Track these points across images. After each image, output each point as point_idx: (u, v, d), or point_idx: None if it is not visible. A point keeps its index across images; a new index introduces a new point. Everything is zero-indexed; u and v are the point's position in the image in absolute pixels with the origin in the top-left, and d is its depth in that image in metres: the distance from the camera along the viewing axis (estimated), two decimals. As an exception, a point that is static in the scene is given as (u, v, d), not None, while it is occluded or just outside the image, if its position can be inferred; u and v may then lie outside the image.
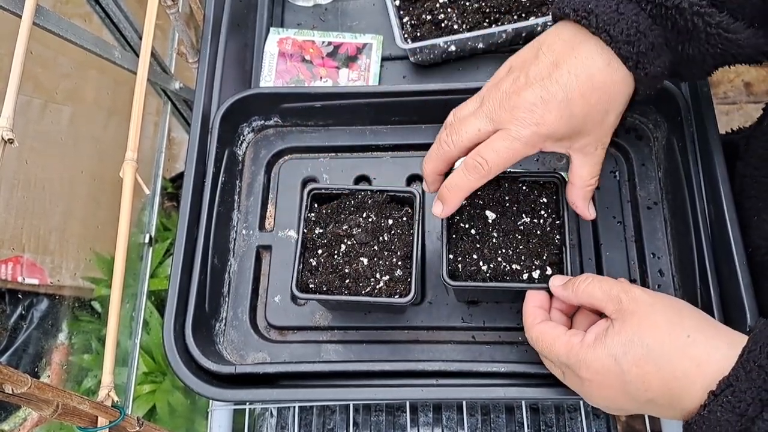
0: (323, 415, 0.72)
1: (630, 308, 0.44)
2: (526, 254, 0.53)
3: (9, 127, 0.48)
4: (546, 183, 0.56)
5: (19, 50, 0.53)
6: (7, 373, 0.36)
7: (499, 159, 0.47)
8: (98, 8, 0.82)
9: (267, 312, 0.62)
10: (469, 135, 0.49)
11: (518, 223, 0.55)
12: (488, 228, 0.54)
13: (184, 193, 0.62)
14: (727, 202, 0.56)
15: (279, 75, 0.75)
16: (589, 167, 0.51)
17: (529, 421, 0.70)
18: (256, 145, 0.69)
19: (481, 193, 0.55)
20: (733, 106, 1.66)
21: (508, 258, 0.53)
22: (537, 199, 0.55)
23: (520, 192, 0.56)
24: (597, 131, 0.49)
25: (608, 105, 0.47)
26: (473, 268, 0.53)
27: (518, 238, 0.54)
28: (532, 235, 0.54)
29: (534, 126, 0.46)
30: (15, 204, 0.89)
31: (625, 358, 0.43)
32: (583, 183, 0.51)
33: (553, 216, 0.55)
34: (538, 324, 0.50)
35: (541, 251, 0.53)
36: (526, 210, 0.55)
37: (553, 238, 0.54)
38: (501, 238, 0.54)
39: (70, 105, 1.02)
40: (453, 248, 0.54)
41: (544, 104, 0.46)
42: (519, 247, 0.54)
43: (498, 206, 0.55)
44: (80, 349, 1.03)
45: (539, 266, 0.53)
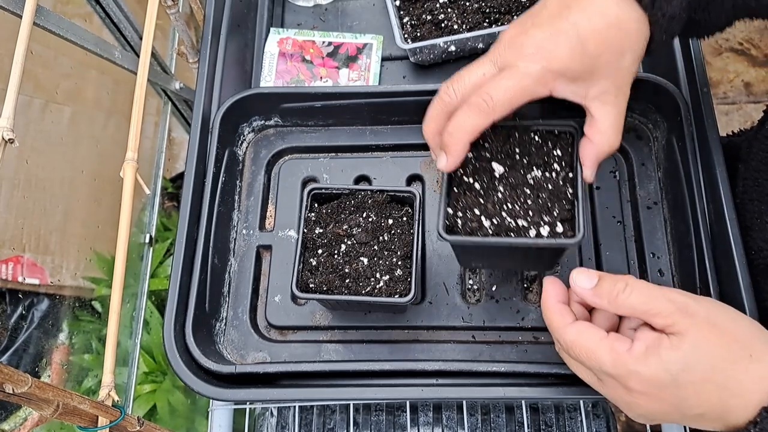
0: (323, 414, 0.72)
1: (686, 323, 0.41)
2: (535, 209, 0.48)
3: (9, 127, 0.48)
4: (561, 133, 0.51)
5: (20, 50, 0.53)
6: (8, 373, 0.36)
7: (505, 96, 0.43)
8: (98, 8, 0.82)
9: (267, 312, 0.62)
10: (473, 80, 0.45)
11: (528, 176, 0.49)
12: (494, 182, 0.49)
13: (184, 193, 0.62)
14: (727, 201, 0.56)
15: (279, 75, 0.75)
16: (611, 119, 0.46)
17: (529, 420, 0.70)
18: (256, 145, 0.69)
19: (488, 145, 0.50)
20: (732, 106, 1.66)
21: (515, 213, 0.48)
22: (550, 152, 0.50)
23: (533, 143, 0.50)
24: (613, 75, 0.45)
25: (623, 44, 0.44)
26: (474, 224, 0.48)
27: (527, 193, 0.48)
28: (542, 190, 0.49)
29: (544, 61, 0.43)
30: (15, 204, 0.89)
31: (683, 375, 0.40)
32: (604, 139, 0.46)
33: (567, 169, 0.50)
34: (571, 325, 0.44)
35: (552, 207, 0.48)
36: (537, 163, 0.50)
37: (566, 193, 0.48)
38: (508, 192, 0.49)
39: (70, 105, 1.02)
40: (452, 202, 0.49)
41: (554, 39, 0.43)
42: (527, 202, 0.48)
43: (507, 159, 0.50)
44: (81, 349, 1.03)
45: (549, 222, 0.47)
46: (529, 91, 0.44)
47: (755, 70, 1.69)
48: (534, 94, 0.44)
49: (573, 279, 0.46)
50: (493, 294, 0.61)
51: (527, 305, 0.60)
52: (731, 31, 1.76)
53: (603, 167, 0.65)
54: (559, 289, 0.47)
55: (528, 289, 0.62)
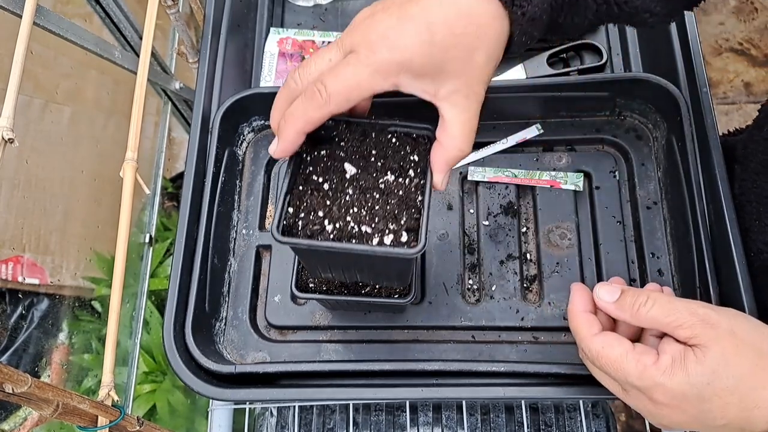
0: (323, 414, 0.72)
1: (710, 335, 0.41)
2: (382, 216, 0.44)
3: (9, 127, 0.48)
4: (419, 137, 0.48)
5: (20, 50, 0.53)
6: (8, 373, 0.36)
7: (340, 86, 0.40)
8: (98, 8, 0.82)
9: (267, 311, 0.62)
10: (319, 67, 0.42)
11: (380, 180, 0.46)
12: (344, 183, 0.46)
13: (184, 193, 0.62)
14: (727, 201, 0.56)
15: (279, 75, 0.75)
16: (460, 123, 0.42)
17: (529, 420, 0.70)
18: (256, 144, 0.69)
19: (344, 144, 0.47)
20: (732, 106, 1.66)
21: (360, 219, 0.44)
22: (407, 156, 0.47)
23: (390, 146, 0.47)
24: (464, 73, 0.41)
25: (476, 39, 0.40)
26: (316, 227, 0.44)
27: (375, 197, 0.45)
28: (392, 195, 0.45)
29: (387, 50, 0.39)
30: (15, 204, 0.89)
31: (708, 388, 0.41)
32: (453, 144, 0.43)
33: (421, 176, 0.46)
34: (598, 336, 0.45)
35: (399, 214, 0.44)
36: (392, 167, 0.46)
37: (416, 201, 0.45)
38: (357, 195, 0.45)
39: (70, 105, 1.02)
40: (296, 201, 0.45)
41: (400, 25, 0.39)
42: (375, 207, 0.45)
43: (361, 160, 0.47)
44: (80, 349, 1.03)
45: (394, 230, 0.44)
46: (366, 84, 0.40)
47: (755, 70, 1.69)
48: (374, 88, 0.40)
49: (596, 293, 0.47)
50: (493, 294, 0.61)
51: (527, 305, 0.60)
52: (731, 31, 1.76)
53: (603, 167, 0.65)
54: (586, 297, 0.48)
55: (528, 289, 0.62)
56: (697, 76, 0.63)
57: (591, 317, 0.47)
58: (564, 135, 0.67)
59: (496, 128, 0.68)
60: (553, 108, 0.67)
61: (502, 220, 0.64)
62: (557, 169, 0.66)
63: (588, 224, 0.64)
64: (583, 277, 0.61)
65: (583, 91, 0.65)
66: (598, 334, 0.45)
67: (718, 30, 1.76)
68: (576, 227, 0.63)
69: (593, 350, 0.45)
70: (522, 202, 0.65)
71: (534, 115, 0.68)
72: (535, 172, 0.65)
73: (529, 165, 0.67)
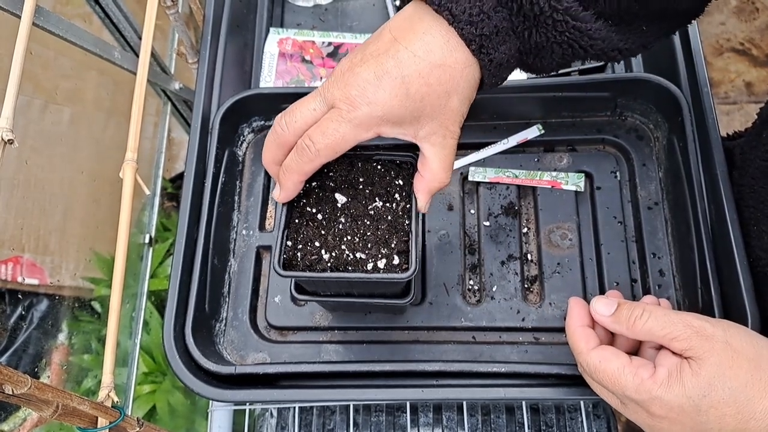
0: (323, 415, 0.72)
1: (705, 347, 0.42)
2: (374, 241, 0.48)
3: (9, 128, 0.48)
4: (403, 163, 0.51)
5: (19, 50, 0.53)
6: (7, 374, 0.36)
7: (327, 141, 0.43)
8: (98, 9, 0.82)
9: (267, 312, 0.62)
10: (304, 116, 0.45)
11: (369, 207, 0.49)
12: (336, 213, 0.49)
13: (184, 194, 0.62)
14: (728, 202, 0.56)
15: (279, 75, 0.75)
16: (439, 160, 0.46)
17: (530, 421, 0.70)
18: (256, 145, 0.69)
19: (333, 174, 0.50)
20: (734, 106, 1.66)
21: (353, 246, 0.48)
22: (392, 181, 0.50)
23: (375, 173, 0.51)
24: (440, 116, 0.44)
25: (449, 86, 0.43)
26: (314, 257, 0.47)
27: (366, 224, 0.48)
28: (381, 221, 0.48)
29: (366, 106, 0.42)
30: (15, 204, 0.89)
31: (704, 400, 0.41)
32: (433, 176, 0.46)
33: (407, 199, 0.49)
34: (595, 350, 0.46)
35: (389, 238, 0.48)
36: (380, 193, 0.50)
37: (403, 224, 0.48)
38: (348, 223, 0.48)
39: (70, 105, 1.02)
40: (293, 234, 0.48)
41: (377, 81, 0.42)
42: (366, 233, 0.48)
43: (350, 189, 0.50)
44: (80, 350, 1.03)
45: (386, 255, 0.47)
46: (351, 137, 0.43)
47: (756, 70, 1.69)
48: (358, 139, 0.43)
49: (592, 306, 0.48)
50: (494, 294, 0.61)
51: (527, 306, 0.60)
52: (732, 31, 1.76)
53: (604, 168, 0.65)
54: (583, 312, 0.49)
55: (528, 289, 0.62)
56: (698, 76, 0.63)
57: (588, 332, 0.48)
58: (565, 135, 0.67)
59: (497, 129, 0.68)
60: (554, 108, 0.67)
61: (502, 221, 0.64)
62: (558, 169, 0.66)
63: (589, 225, 0.63)
64: (584, 278, 0.61)
65: (584, 91, 0.65)
66: (595, 349, 0.46)
67: (719, 30, 1.76)
68: (577, 228, 0.63)
69: (591, 364, 0.46)
70: (523, 202, 0.65)
71: (535, 115, 0.68)
72: (536, 173, 0.65)
73: (530, 165, 0.66)
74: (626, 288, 0.60)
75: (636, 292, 0.60)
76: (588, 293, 0.61)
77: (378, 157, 0.51)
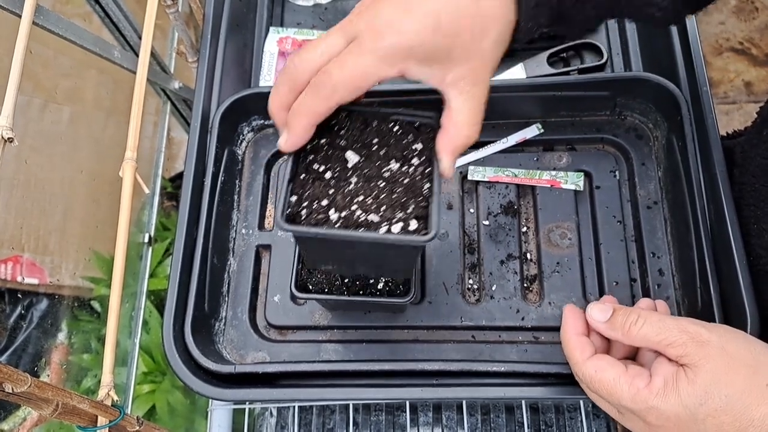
0: (323, 414, 0.72)
1: (700, 354, 0.41)
2: (388, 204, 0.43)
3: (9, 126, 0.48)
4: (422, 126, 0.47)
5: (19, 49, 0.53)
6: (7, 372, 0.36)
7: (345, 75, 0.39)
8: (98, 8, 0.82)
9: (267, 311, 0.62)
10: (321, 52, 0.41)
11: (383, 168, 0.45)
12: (347, 172, 0.45)
13: (183, 193, 0.62)
14: (727, 201, 0.56)
15: (279, 74, 0.75)
16: (467, 110, 0.42)
17: (529, 420, 0.70)
18: (255, 144, 0.69)
19: (344, 132, 0.47)
20: (733, 105, 1.66)
21: (366, 207, 0.43)
22: (410, 144, 0.46)
23: (392, 134, 0.47)
24: (472, 59, 0.41)
25: (482, 24, 0.39)
26: (320, 216, 0.43)
27: (380, 186, 0.44)
28: (397, 184, 0.44)
29: (393, 36, 0.38)
30: (15, 204, 0.89)
31: (701, 408, 0.40)
32: (458, 131, 0.42)
33: (426, 164, 0.46)
34: (590, 360, 0.45)
35: (407, 202, 0.43)
36: (395, 155, 0.46)
37: (422, 189, 0.44)
38: (361, 184, 0.44)
39: (69, 104, 1.02)
40: (298, 190, 0.44)
41: (406, 11, 0.38)
42: (380, 195, 0.44)
43: (363, 148, 0.46)
44: (80, 349, 1.03)
45: (402, 219, 0.43)
46: (373, 72, 0.39)
47: (756, 70, 1.69)
48: (381, 75, 0.40)
49: (588, 313, 0.47)
50: (493, 294, 0.61)
51: (527, 305, 0.60)
52: (732, 30, 1.76)
53: (603, 167, 0.65)
54: (578, 320, 0.48)
55: (528, 289, 0.62)
56: (697, 76, 0.63)
57: (584, 340, 0.47)
58: (564, 134, 0.67)
59: (496, 128, 0.68)
60: (554, 107, 0.67)
61: (502, 220, 0.64)
62: (557, 168, 0.66)
63: (588, 224, 0.63)
64: (583, 277, 0.61)
65: (584, 90, 0.65)
66: (591, 358, 0.46)
67: (719, 29, 1.76)
68: (576, 227, 0.63)
69: (587, 374, 0.45)
70: (522, 201, 0.65)
71: (534, 114, 0.68)
72: (535, 172, 0.65)
73: (530, 165, 0.66)
74: (625, 287, 0.60)
75: (635, 292, 0.60)
76: (587, 293, 0.61)
77: (396, 117, 0.47)
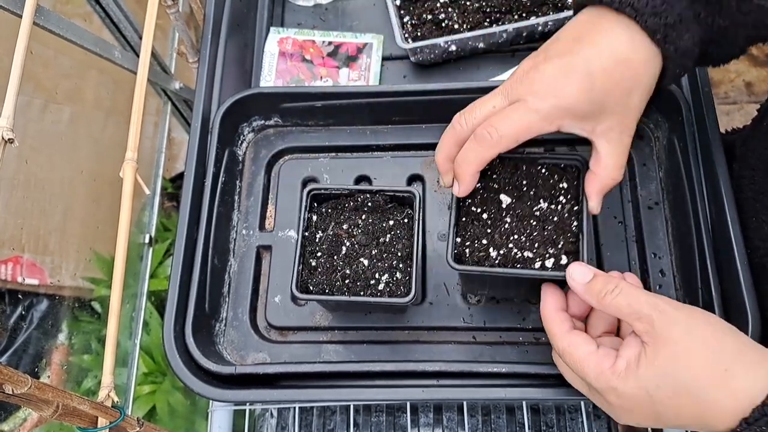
0: (323, 415, 0.72)
1: (664, 334, 0.41)
2: (540, 241, 0.49)
3: (9, 127, 0.48)
4: (567, 166, 0.53)
5: (20, 50, 0.53)
6: (7, 374, 0.36)
7: (510, 129, 0.44)
8: (98, 8, 0.82)
9: (267, 312, 0.62)
10: (484, 113, 0.46)
11: (534, 208, 0.51)
12: (501, 213, 0.51)
13: (184, 193, 0.62)
14: (728, 201, 0.56)
15: (279, 75, 0.75)
16: (615, 156, 0.47)
17: (530, 421, 0.70)
18: (256, 145, 0.69)
19: (496, 176, 0.52)
20: (734, 106, 1.66)
21: (521, 245, 0.49)
22: (556, 184, 0.52)
23: (539, 175, 0.52)
24: (620, 113, 0.45)
25: (632, 83, 0.44)
26: (482, 254, 0.49)
27: (533, 225, 0.50)
28: (548, 222, 0.50)
29: (553, 98, 0.44)
30: (15, 204, 0.89)
31: (658, 390, 0.41)
32: (608, 174, 0.48)
33: (573, 202, 0.51)
34: (566, 334, 0.46)
35: (557, 239, 0.49)
36: (544, 195, 0.51)
37: (570, 225, 0.50)
38: (515, 223, 0.50)
39: (70, 105, 1.02)
40: (461, 231, 0.51)
41: (564, 76, 0.43)
42: (533, 233, 0.50)
43: (514, 190, 0.52)
44: (80, 350, 1.03)
45: (554, 254, 0.49)
46: (535, 127, 0.44)
47: (756, 70, 1.69)
48: (540, 130, 0.44)
49: (569, 271, 0.47)
50: (494, 294, 0.61)
51: (528, 306, 0.60)
52: (731, 31, 1.76)
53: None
54: (557, 296, 0.49)
55: (529, 289, 0.62)
56: (698, 76, 0.63)
57: (563, 315, 0.48)
58: (565, 135, 0.67)
59: (497, 128, 0.68)
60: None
61: (503, 221, 0.64)
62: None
63: (589, 224, 0.63)
64: (584, 278, 0.61)
65: (585, 90, 0.65)
66: (567, 332, 0.46)
67: (719, 30, 1.76)
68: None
69: (561, 348, 0.46)
70: (523, 202, 0.65)
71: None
72: (536, 172, 0.65)
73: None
74: (627, 288, 0.60)
75: (636, 292, 0.60)
76: (588, 293, 0.61)
77: (543, 161, 0.52)
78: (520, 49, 0.74)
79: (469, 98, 0.65)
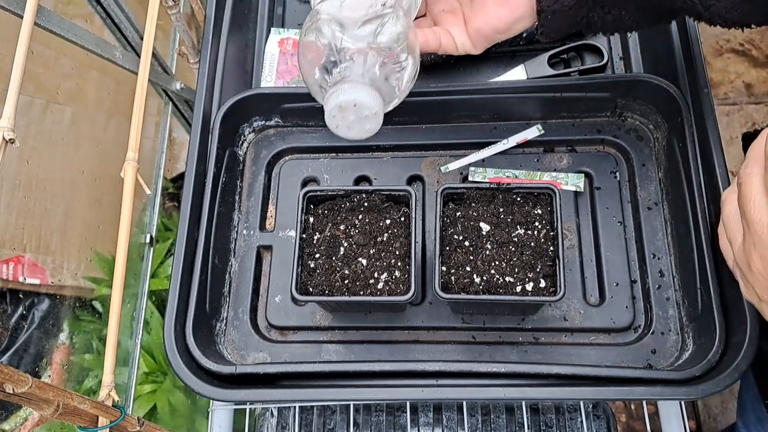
0: (324, 415, 0.72)
1: None
2: (520, 266, 0.53)
3: (10, 127, 0.48)
4: (540, 194, 0.56)
5: (21, 50, 0.53)
6: (8, 373, 0.36)
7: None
8: (99, 9, 0.82)
9: (267, 312, 0.62)
10: None
11: (512, 234, 0.55)
12: (482, 240, 0.55)
13: (185, 194, 0.62)
14: (728, 202, 0.56)
15: (280, 75, 0.75)
16: None
17: (530, 421, 0.70)
18: (256, 145, 0.69)
19: (475, 205, 0.56)
20: (733, 107, 1.66)
21: (501, 270, 0.53)
22: (531, 211, 0.56)
23: (515, 203, 0.56)
24: None
25: None
26: (466, 281, 0.53)
27: (512, 250, 0.54)
28: (525, 247, 0.54)
29: None
30: (16, 204, 0.89)
31: None
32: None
33: (548, 227, 0.55)
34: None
35: (535, 263, 0.53)
36: (520, 221, 0.55)
37: (547, 250, 0.54)
38: (495, 249, 0.54)
39: (71, 105, 1.02)
40: (446, 260, 0.54)
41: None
42: (512, 259, 0.54)
43: (492, 218, 0.55)
44: (81, 349, 1.03)
45: (533, 278, 0.53)
46: None
47: (756, 71, 1.69)
48: None
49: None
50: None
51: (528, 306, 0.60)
52: (732, 31, 1.76)
53: (603, 168, 0.66)
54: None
55: (528, 289, 0.62)
56: (697, 77, 0.63)
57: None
58: (565, 135, 0.67)
59: (497, 129, 0.68)
60: (554, 109, 0.67)
61: (502, 221, 0.64)
62: (558, 169, 0.66)
63: (589, 225, 0.64)
64: (583, 278, 0.61)
65: (584, 91, 0.65)
66: None
67: (719, 30, 1.75)
68: (576, 228, 0.63)
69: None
70: (523, 202, 0.66)
71: (535, 115, 0.68)
72: (535, 173, 0.65)
73: (530, 166, 0.66)
74: (626, 288, 0.60)
75: (635, 293, 0.61)
76: (588, 294, 0.61)
77: (518, 190, 0.56)
78: (520, 50, 0.74)
79: (469, 98, 0.65)
